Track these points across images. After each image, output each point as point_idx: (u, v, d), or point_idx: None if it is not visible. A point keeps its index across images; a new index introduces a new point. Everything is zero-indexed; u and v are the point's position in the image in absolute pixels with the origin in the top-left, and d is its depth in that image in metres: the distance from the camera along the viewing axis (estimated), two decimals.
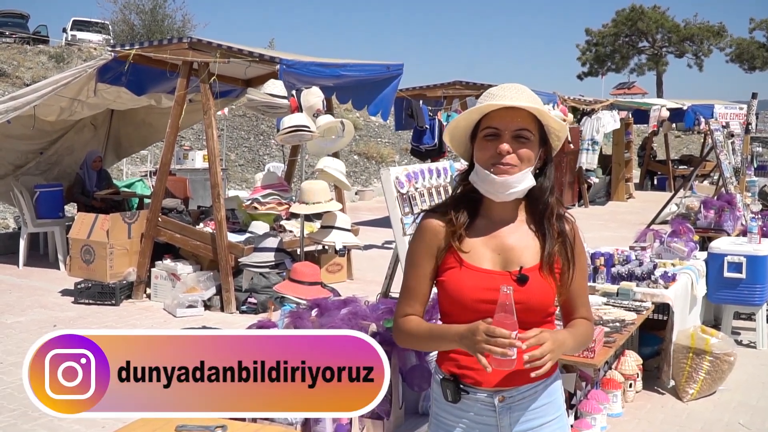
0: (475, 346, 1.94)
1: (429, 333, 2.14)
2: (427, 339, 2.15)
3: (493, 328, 1.90)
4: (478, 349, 1.93)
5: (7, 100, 8.88)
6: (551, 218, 2.14)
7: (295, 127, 5.95)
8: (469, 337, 1.95)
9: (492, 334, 1.90)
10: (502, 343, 1.89)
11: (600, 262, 5.74)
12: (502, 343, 1.89)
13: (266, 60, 7.75)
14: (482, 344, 1.91)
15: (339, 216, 6.19)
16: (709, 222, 8.13)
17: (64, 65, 19.74)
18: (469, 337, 1.95)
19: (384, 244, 11.15)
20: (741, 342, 6.50)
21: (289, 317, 3.29)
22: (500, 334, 1.89)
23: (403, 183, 4.44)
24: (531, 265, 2.10)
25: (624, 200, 18.18)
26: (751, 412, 5.06)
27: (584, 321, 2.23)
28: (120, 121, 11.44)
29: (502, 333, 1.89)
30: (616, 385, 4.92)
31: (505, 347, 1.89)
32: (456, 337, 2.02)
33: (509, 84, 2.12)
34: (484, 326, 1.92)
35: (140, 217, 8.39)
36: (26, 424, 4.80)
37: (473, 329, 1.94)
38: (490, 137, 2.08)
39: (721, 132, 9.80)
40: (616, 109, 17.78)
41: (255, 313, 7.50)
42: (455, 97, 13.55)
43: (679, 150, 26.27)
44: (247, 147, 18.99)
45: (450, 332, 2.05)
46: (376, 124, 22.81)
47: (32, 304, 7.91)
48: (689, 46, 46.14)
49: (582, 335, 2.19)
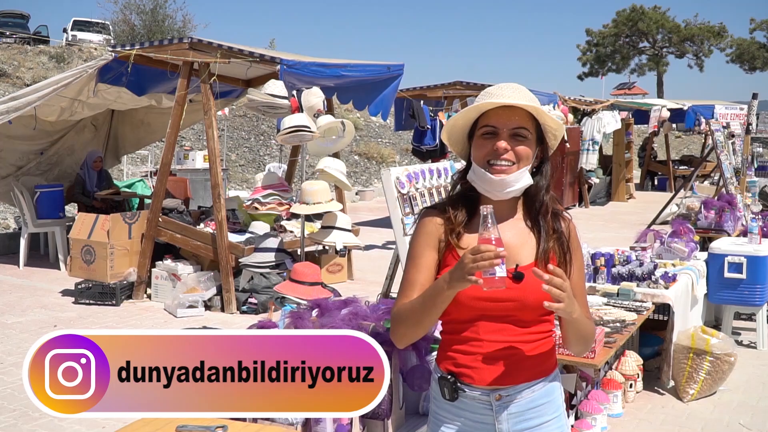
0: (464, 272, 1.90)
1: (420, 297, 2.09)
2: (421, 304, 2.08)
3: (477, 246, 1.88)
4: (468, 271, 1.89)
5: (7, 100, 8.89)
6: (546, 215, 2.16)
7: (296, 127, 5.95)
8: (458, 268, 1.93)
9: (477, 251, 1.88)
10: (488, 255, 1.86)
11: (600, 263, 5.74)
12: (488, 256, 1.86)
13: (267, 60, 7.75)
14: (470, 265, 1.88)
15: (339, 216, 6.20)
16: (709, 222, 8.13)
17: (65, 65, 19.75)
18: (458, 267, 1.93)
19: (384, 244, 11.15)
20: (741, 342, 6.50)
21: (290, 317, 3.29)
22: (485, 249, 1.87)
23: (404, 183, 4.44)
24: (527, 262, 2.11)
25: (624, 200, 18.17)
26: (752, 412, 5.06)
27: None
28: (120, 122, 11.45)
29: (486, 248, 1.87)
30: (617, 385, 4.92)
31: (491, 259, 1.86)
32: (446, 278, 1.98)
33: (506, 83, 2.14)
34: (468, 251, 1.90)
35: (141, 217, 8.39)
36: (27, 425, 4.80)
37: (460, 259, 1.92)
38: (487, 135, 2.10)
39: (721, 132, 9.80)
40: (617, 109, 17.78)
41: (255, 313, 7.50)
42: (456, 98, 13.55)
43: (679, 150, 26.27)
44: (247, 147, 19.00)
45: (438, 280, 2.03)
46: (376, 124, 22.82)
47: (33, 304, 7.91)
48: (690, 46, 46.12)
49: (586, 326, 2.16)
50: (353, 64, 8.79)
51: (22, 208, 9.87)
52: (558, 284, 1.93)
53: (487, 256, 1.86)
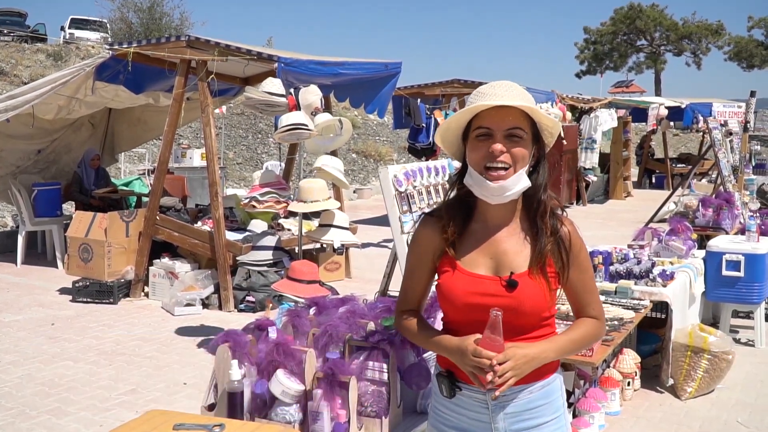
0: (463, 362, 2.04)
1: (426, 339, 2.23)
2: (424, 343, 2.27)
3: (480, 350, 1.99)
4: (467, 367, 2.04)
5: (5, 98, 8.87)
6: (544, 216, 2.12)
7: (293, 125, 5.93)
8: (459, 354, 2.05)
9: (478, 355, 1.99)
10: (485, 365, 1.98)
11: (598, 261, 5.73)
12: (484, 365, 1.99)
13: (264, 58, 7.74)
14: (469, 364, 2.02)
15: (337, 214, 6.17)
16: (707, 220, 8.14)
17: (62, 63, 19.72)
18: (459, 354, 2.05)
19: (382, 242, 11.15)
20: (739, 340, 6.51)
21: (287, 316, 3.28)
22: (485, 355, 1.99)
23: (402, 181, 4.43)
24: (523, 269, 2.09)
25: (622, 198, 18.18)
26: (749, 410, 5.06)
27: (588, 320, 2.22)
28: (118, 120, 11.43)
29: (487, 355, 1.99)
30: (615, 383, 4.92)
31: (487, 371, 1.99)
32: (448, 350, 2.11)
33: (499, 82, 2.09)
34: (472, 347, 2.01)
35: (138, 215, 8.38)
36: (24, 423, 4.79)
37: (462, 348, 2.04)
38: (482, 137, 2.05)
39: (719, 130, 9.80)
40: (614, 107, 17.78)
41: (253, 311, 7.50)
42: (453, 96, 13.54)
43: (677, 148, 26.29)
44: (245, 145, 18.98)
45: (443, 344, 2.14)
46: (374, 122, 22.80)
47: (30, 302, 7.90)
48: (687, 44, 46.13)
49: (581, 335, 2.18)
50: (351, 62, 8.78)
51: (19, 206, 9.85)
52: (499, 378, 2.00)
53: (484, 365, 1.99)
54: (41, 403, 5.11)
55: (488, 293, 2.06)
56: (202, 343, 6.48)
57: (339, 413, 2.83)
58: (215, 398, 2.94)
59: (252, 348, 2.93)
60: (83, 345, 6.46)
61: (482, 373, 1.99)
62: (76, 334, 6.79)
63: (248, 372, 2.88)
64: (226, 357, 2.85)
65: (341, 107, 18.09)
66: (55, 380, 5.57)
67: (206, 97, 7.83)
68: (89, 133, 11.22)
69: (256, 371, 2.90)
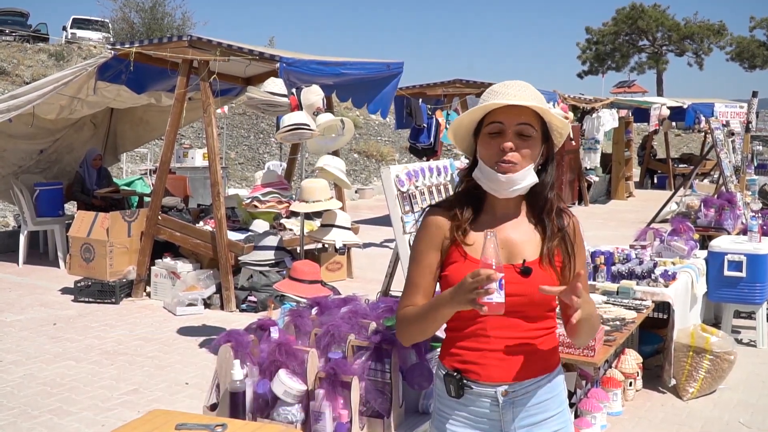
0: (465, 294, 1.91)
1: (425, 307, 2.12)
2: (425, 314, 2.11)
3: (478, 270, 1.88)
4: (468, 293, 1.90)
5: (7, 98, 8.87)
6: (551, 213, 2.17)
7: (295, 125, 5.93)
8: (459, 290, 1.94)
9: (477, 275, 1.88)
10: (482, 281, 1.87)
11: (600, 261, 5.73)
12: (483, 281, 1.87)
13: (266, 58, 7.75)
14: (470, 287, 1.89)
15: (339, 214, 6.16)
16: (709, 220, 8.13)
17: (64, 63, 19.74)
18: (459, 289, 1.94)
19: (384, 242, 11.15)
20: (741, 341, 6.50)
21: (289, 316, 3.29)
22: (484, 273, 1.87)
23: (404, 181, 4.43)
24: (533, 258, 2.12)
25: (624, 199, 18.17)
26: (751, 410, 5.06)
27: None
28: (120, 120, 11.44)
29: (486, 272, 1.87)
30: (616, 383, 4.92)
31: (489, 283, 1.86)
32: (446, 298, 2.00)
33: (512, 81, 2.13)
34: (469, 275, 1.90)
35: (140, 215, 8.39)
36: (26, 423, 4.79)
37: (461, 282, 1.93)
38: (493, 134, 2.10)
39: (721, 130, 9.80)
40: (616, 107, 17.77)
41: (255, 311, 7.50)
42: (455, 96, 13.55)
43: (679, 148, 26.26)
44: (247, 145, 18.99)
45: (441, 297, 2.04)
46: (376, 122, 22.80)
47: (32, 302, 7.91)
48: (689, 44, 46.13)
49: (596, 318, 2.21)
50: (353, 62, 8.78)
51: (21, 206, 9.86)
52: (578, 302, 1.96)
53: (484, 280, 1.87)
54: (43, 403, 5.12)
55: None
56: (203, 343, 6.48)
57: (341, 413, 2.83)
58: (217, 398, 2.94)
59: (254, 348, 2.94)
60: (85, 345, 6.46)
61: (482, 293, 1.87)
62: (78, 333, 6.80)
63: (250, 372, 2.89)
64: (228, 357, 2.85)
65: (343, 107, 18.12)
66: (56, 380, 5.57)
67: (208, 97, 7.83)
68: (91, 132, 11.22)
69: (258, 371, 2.91)
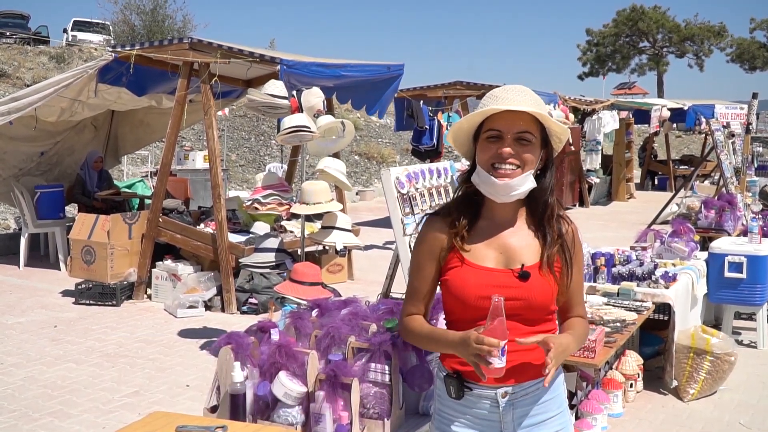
0: (467, 352, 2.00)
1: (429, 336, 2.20)
2: (427, 341, 2.22)
3: (482, 337, 1.95)
4: (470, 357, 1.99)
5: (8, 101, 8.88)
6: (551, 219, 2.18)
7: (296, 127, 5.93)
8: (463, 345, 2.01)
9: (481, 342, 1.95)
10: (485, 351, 1.94)
11: (601, 262, 5.73)
12: (484, 351, 1.94)
13: (267, 60, 7.75)
14: (473, 352, 1.97)
15: (340, 216, 6.17)
16: (709, 222, 8.13)
17: (65, 66, 19.75)
18: (462, 344, 2.01)
19: (384, 244, 11.15)
20: (742, 342, 6.50)
21: (290, 318, 3.29)
22: (488, 342, 1.94)
23: (404, 183, 4.44)
24: (532, 263, 2.13)
25: (625, 200, 18.16)
26: (752, 411, 5.06)
27: (580, 320, 2.28)
28: (120, 122, 11.44)
29: (490, 342, 1.94)
30: (617, 385, 4.92)
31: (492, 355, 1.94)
32: (451, 344, 2.08)
33: (512, 86, 2.13)
34: (474, 335, 1.97)
35: (141, 217, 8.39)
36: (27, 425, 4.80)
37: (465, 338, 2.00)
38: (492, 139, 2.10)
39: (721, 132, 9.80)
40: (617, 109, 17.76)
41: (256, 313, 7.50)
42: (456, 98, 13.54)
43: (679, 150, 26.24)
44: (247, 147, 18.99)
45: (447, 338, 2.12)
46: (376, 124, 22.81)
47: (33, 304, 7.91)
48: (690, 46, 46.14)
49: (581, 335, 2.25)
50: (353, 64, 8.79)
51: (22, 208, 9.86)
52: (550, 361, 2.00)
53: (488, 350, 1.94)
54: (44, 406, 5.12)
55: (500, 285, 2.08)
56: (204, 345, 6.48)
57: (341, 415, 2.83)
58: (218, 400, 2.94)
59: (254, 350, 2.94)
60: (86, 347, 6.47)
61: (484, 362, 1.95)
62: (79, 336, 6.80)
63: (251, 374, 2.89)
64: (229, 359, 2.86)
65: (343, 109, 18.10)
66: (57, 382, 5.58)
67: (209, 99, 7.84)
68: (92, 135, 11.23)
69: (259, 373, 2.91)
